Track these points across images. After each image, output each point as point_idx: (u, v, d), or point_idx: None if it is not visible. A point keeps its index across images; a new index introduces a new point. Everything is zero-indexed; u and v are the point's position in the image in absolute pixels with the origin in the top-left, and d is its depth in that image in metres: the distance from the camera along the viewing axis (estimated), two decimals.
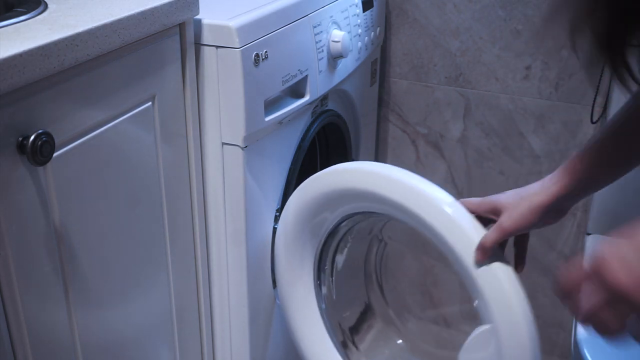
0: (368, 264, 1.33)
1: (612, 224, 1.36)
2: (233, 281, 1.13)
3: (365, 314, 1.40)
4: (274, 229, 1.17)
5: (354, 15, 1.31)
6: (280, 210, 1.17)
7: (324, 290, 1.21)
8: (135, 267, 0.95)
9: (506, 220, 0.80)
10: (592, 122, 1.42)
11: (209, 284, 1.15)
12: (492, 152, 1.57)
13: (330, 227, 1.11)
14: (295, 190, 1.12)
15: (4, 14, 0.80)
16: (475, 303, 0.89)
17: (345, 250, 1.23)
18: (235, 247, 1.11)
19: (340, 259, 1.24)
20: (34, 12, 0.80)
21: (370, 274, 1.36)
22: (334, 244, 1.18)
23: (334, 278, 1.23)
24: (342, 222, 1.11)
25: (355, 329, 1.34)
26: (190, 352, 1.13)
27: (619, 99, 1.31)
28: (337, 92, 1.33)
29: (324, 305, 1.20)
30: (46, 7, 0.84)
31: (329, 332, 1.20)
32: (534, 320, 0.84)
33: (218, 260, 1.13)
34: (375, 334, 1.37)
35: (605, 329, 0.57)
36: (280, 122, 1.11)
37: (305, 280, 1.17)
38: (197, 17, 0.97)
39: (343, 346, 1.25)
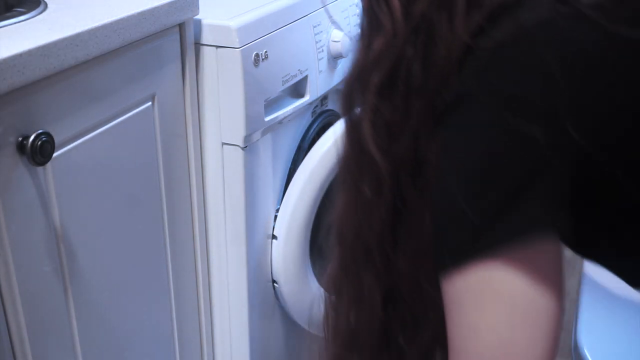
0: None
1: None
2: (233, 281, 1.13)
3: None
4: (274, 229, 1.17)
5: (354, 15, 1.31)
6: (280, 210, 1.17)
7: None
8: (135, 266, 0.95)
9: None
10: None
11: (209, 284, 1.15)
12: None
13: None
14: (293, 185, 1.12)
15: (3, 14, 0.80)
16: None
17: None
18: (235, 247, 1.11)
19: None
20: (33, 12, 0.80)
21: None
22: None
23: None
24: None
25: None
26: (190, 352, 1.13)
27: None
28: (337, 92, 1.33)
29: None
30: (46, 7, 0.84)
31: None
32: None
33: (218, 260, 1.13)
34: None
35: None
36: (280, 122, 1.11)
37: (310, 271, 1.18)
38: (197, 17, 0.97)
39: None
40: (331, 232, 0.61)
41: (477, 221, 0.45)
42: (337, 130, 0.94)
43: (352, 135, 0.55)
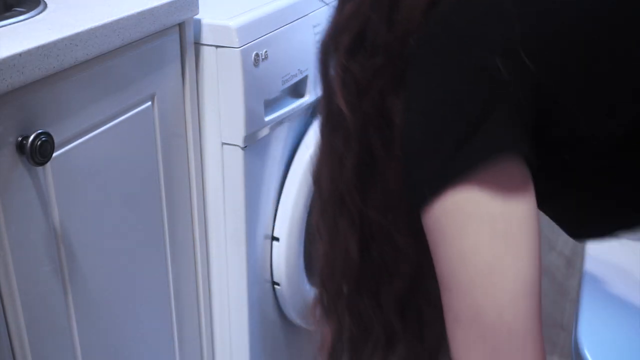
0: None
1: None
2: (233, 281, 1.13)
3: None
4: (274, 229, 1.17)
5: None
6: None
7: None
8: (134, 267, 0.95)
9: None
10: None
11: (209, 284, 1.14)
12: None
13: None
14: (289, 185, 1.12)
15: (3, 13, 0.80)
16: None
17: None
18: (235, 247, 1.11)
19: None
20: (33, 11, 0.80)
21: None
22: None
23: None
24: None
25: None
26: (190, 352, 1.13)
27: None
28: None
29: None
30: (45, 6, 0.83)
31: None
32: None
33: (218, 260, 1.13)
34: None
35: None
36: (280, 122, 1.11)
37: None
38: (197, 17, 0.97)
39: None
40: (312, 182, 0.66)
41: (446, 149, 0.48)
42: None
43: (326, 91, 0.60)
